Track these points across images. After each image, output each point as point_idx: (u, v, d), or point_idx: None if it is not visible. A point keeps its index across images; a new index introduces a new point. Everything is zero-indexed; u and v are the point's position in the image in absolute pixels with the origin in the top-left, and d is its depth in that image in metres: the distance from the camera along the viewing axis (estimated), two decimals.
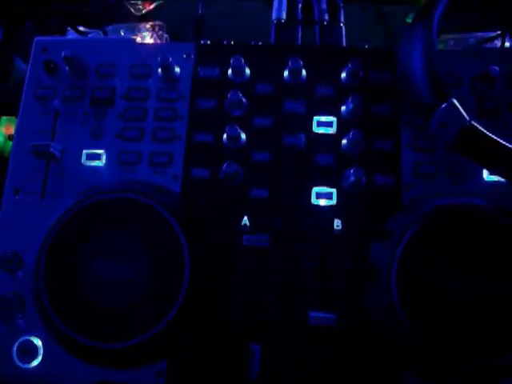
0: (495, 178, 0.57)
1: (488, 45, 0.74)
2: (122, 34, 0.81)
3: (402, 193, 0.58)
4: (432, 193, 0.58)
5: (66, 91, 0.63)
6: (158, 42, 0.79)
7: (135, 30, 0.81)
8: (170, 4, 0.83)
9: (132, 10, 0.82)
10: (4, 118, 0.74)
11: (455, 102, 0.52)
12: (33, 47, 0.65)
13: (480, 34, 0.76)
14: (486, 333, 0.50)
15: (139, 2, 0.82)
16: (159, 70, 0.62)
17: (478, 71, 0.61)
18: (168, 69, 0.61)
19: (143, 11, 0.83)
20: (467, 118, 0.51)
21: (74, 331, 0.52)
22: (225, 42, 0.65)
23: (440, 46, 0.73)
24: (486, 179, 0.58)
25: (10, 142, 0.73)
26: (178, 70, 0.63)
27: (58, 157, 0.60)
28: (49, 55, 0.64)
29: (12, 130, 0.74)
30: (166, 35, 0.81)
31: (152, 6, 0.83)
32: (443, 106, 0.52)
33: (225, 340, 0.55)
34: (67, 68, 0.63)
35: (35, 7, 0.73)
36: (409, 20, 0.87)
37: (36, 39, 0.66)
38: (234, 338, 0.55)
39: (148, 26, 0.81)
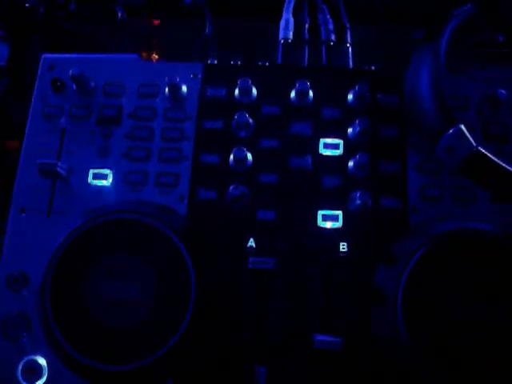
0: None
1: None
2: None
3: (408, 215, 0.58)
4: (438, 216, 0.58)
5: (72, 110, 0.63)
6: (164, 59, 0.79)
7: (142, 46, 0.81)
8: (175, 21, 0.83)
9: (138, 27, 0.82)
10: None
11: (463, 127, 0.52)
12: (40, 64, 0.65)
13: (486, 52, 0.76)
14: (492, 359, 0.49)
15: (145, 19, 0.82)
16: (166, 89, 0.62)
17: (485, 94, 0.61)
18: (175, 88, 0.62)
19: (150, 26, 0.83)
20: (474, 144, 0.51)
21: (79, 352, 0.51)
22: (232, 62, 0.65)
23: (445, 65, 0.73)
24: (492, 203, 0.58)
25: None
26: (185, 89, 0.63)
27: (65, 176, 0.60)
28: (56, 73, 0.64)
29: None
30: (172, 51, 0.81)
31: (157, 23, 0.84)
32: (450, 131, 0.52)
33: (230, 362, 0.55)
34: (74, 86, 0.63)
35: (42, 23, 0.73)
36: (414, 37, 0.87)
37: (43, 57, 0.66)
38: (239, 361, 0.55)
39: (154, 41, 0.81)
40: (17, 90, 0.73)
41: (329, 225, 0.58)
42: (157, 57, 0.79)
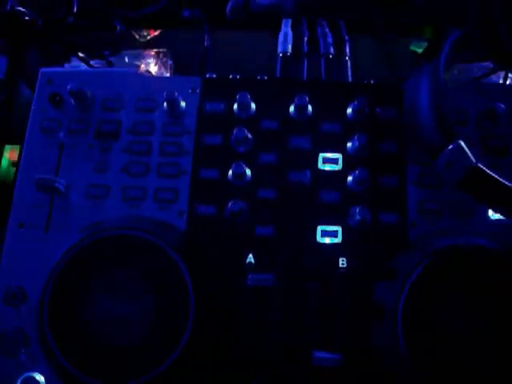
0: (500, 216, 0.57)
1: (492, 77, 0.75)
2: (127, 60, 0.81)
3: (407, 230, 0.58)
4: (437, 231, 0.58)
5: (71, 124, 0.63)
6: (163, 69, 0.79)
7: (140, 57, 0.81)
8: (174, 31, 0.83)
9: (137, 37, 0.82)
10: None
11: (462, 143, 0.52)
12: (38, 78, 0.65)
13: (484, 64, 0.76)
14: (492, 372, 0.49)
15: (144, 29, 0.82)
16: (165, 104, 0.62)
17: (483, 107, 0.61)
18: (173, 103, 0.61)
19: (148, 38, 0.83)
20: (473, 160, 0.51)
21: (77, 369, 0.51)
22: (230, 76, 0.65)
23: (444, 77, 0.73)
24: (492, 218, 0.58)
25: (14, 169, 0.73)
26: (183, 104, 0.63)
27: (63, 191, 0.60)
28: (54, 87, 0.64)
29: (15, 157, 0.74)
30: (170, 62, 0.81)
31: (157, 33, 0.83)
32: (450, 147, 0.52)
33: (229, 378, 0.55)
34: (72, 101, 0.63)
35: (40, 36, 0.73)
36: (412, 47, 0.87)
37: (41, 71, 0.65)
38: (238, 377, 0.55)
39: (152, 52, 0.81)
40: (15, 103, 0.72)
41: (328, 240, 0.58)
42: (156, 69, 0.79)
